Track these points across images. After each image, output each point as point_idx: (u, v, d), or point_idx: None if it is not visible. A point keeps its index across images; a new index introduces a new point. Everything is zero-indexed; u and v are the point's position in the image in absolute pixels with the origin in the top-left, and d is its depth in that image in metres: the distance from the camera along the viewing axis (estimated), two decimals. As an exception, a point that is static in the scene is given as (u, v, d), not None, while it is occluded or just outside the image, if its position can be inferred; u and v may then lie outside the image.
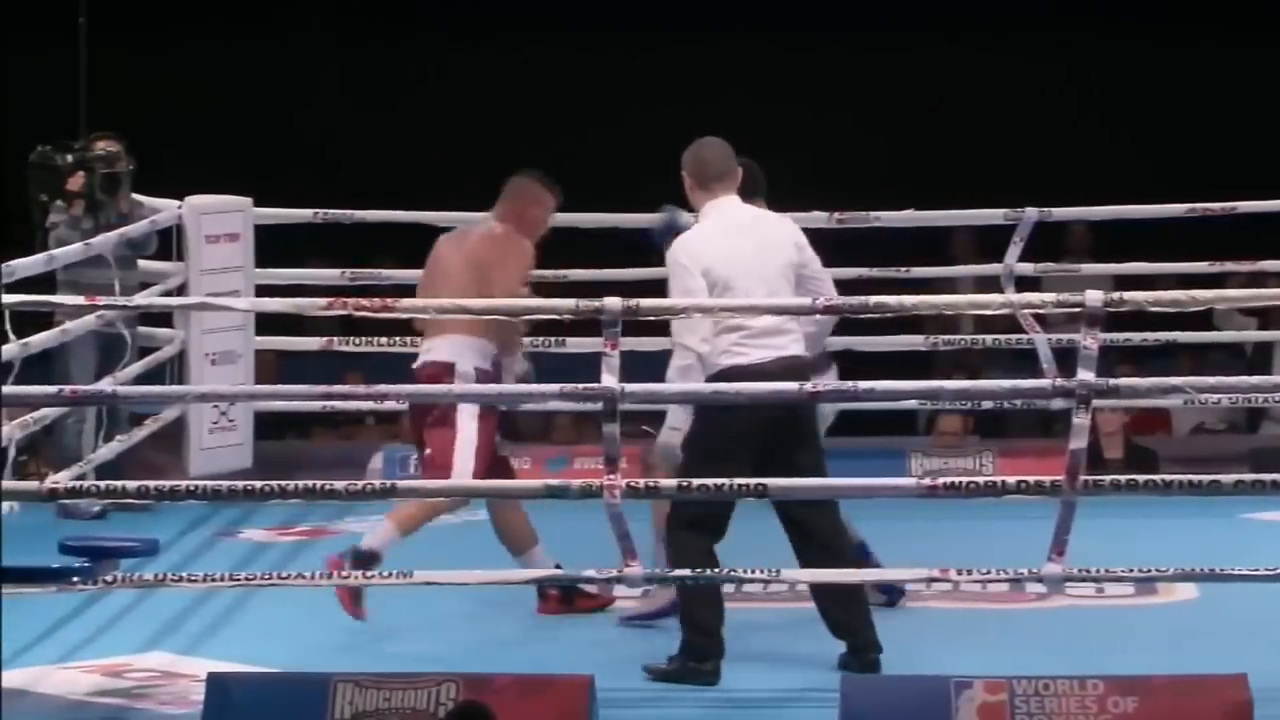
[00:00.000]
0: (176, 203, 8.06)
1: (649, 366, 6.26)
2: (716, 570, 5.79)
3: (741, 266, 5.86)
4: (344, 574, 5.98)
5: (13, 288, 5.99)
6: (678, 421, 5.88)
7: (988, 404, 8.66)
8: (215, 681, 5.36)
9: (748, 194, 6.08)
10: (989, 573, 5.65)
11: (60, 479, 6.34)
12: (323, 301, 5.87)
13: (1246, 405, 9.56)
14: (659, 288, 6.15)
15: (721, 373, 5.83)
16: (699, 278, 5.84)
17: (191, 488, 5.73)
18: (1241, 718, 5.02)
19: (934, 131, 11.61)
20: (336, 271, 8.50)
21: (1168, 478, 5.69)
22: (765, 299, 5.84)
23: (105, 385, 7.06)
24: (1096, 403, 5.51)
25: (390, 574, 5.72)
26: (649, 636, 6.19)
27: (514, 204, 6.53)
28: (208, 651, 6.06)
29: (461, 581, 5.94)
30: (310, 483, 5.73)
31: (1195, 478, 5.68)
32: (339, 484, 5.68)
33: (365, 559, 6.10)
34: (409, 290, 7.17)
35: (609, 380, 5.45)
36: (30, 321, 6.51)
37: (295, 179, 7.85)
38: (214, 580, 5.72)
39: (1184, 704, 5.05)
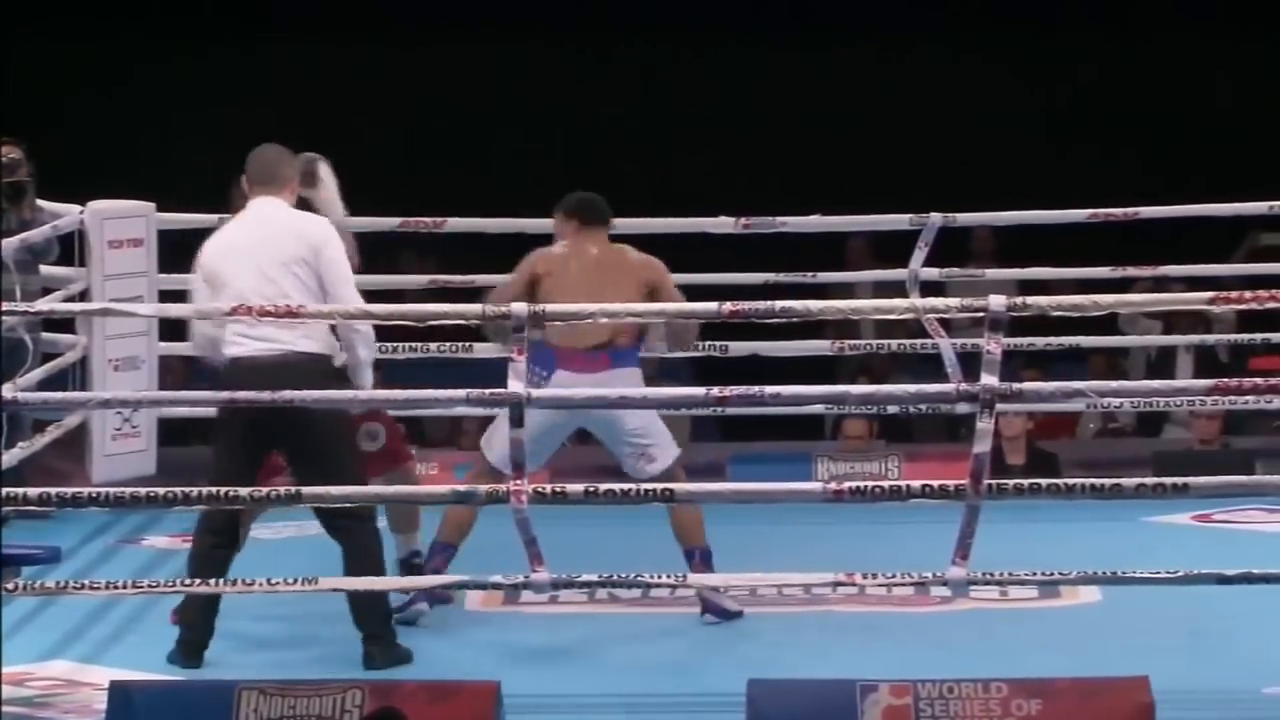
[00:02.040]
0: (79, 207, 7.99)
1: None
2: (625, 575, 5.80)
3: (234, 261, 5.95)
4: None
5: (-88, 295, 5.93)
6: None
7: (893, 408, 8.70)
8: (118, 690, 5.32)
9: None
10: (894, 576, 5.68)
11: (-41, 486, 6.27)
12: (227, 306, 5.85)
13: (1149, 409, 9.65)
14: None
15: (226, 365, 5.97)
16: (197, 276, 6.05)
17: (94, 494, 5.67)
18: (1144, 719, 5.06)
19: (838, 136, 11.67)
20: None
21: (1070, 481, 5.73)
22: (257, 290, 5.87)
23: (6, 391, 6.99)
24: (1000, 408, 5.54)
25: (295, 581, 5.69)
26: (557, 642, 6.18)
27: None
28: (110, 660, 6.01)
29: (367, 588, 5.92)
30: (214, 489, 5.70)
31: (1097, 481, 5.73)
32: (244, 491, 5.65)
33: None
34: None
35: (516, 385, 5.45)
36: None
37: (199, 182, 7.77)
38: (117, 588, 5.68)
39: (1087, 706, 5.09)
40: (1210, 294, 5.84)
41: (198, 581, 6.13)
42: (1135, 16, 11.61)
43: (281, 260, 5.94)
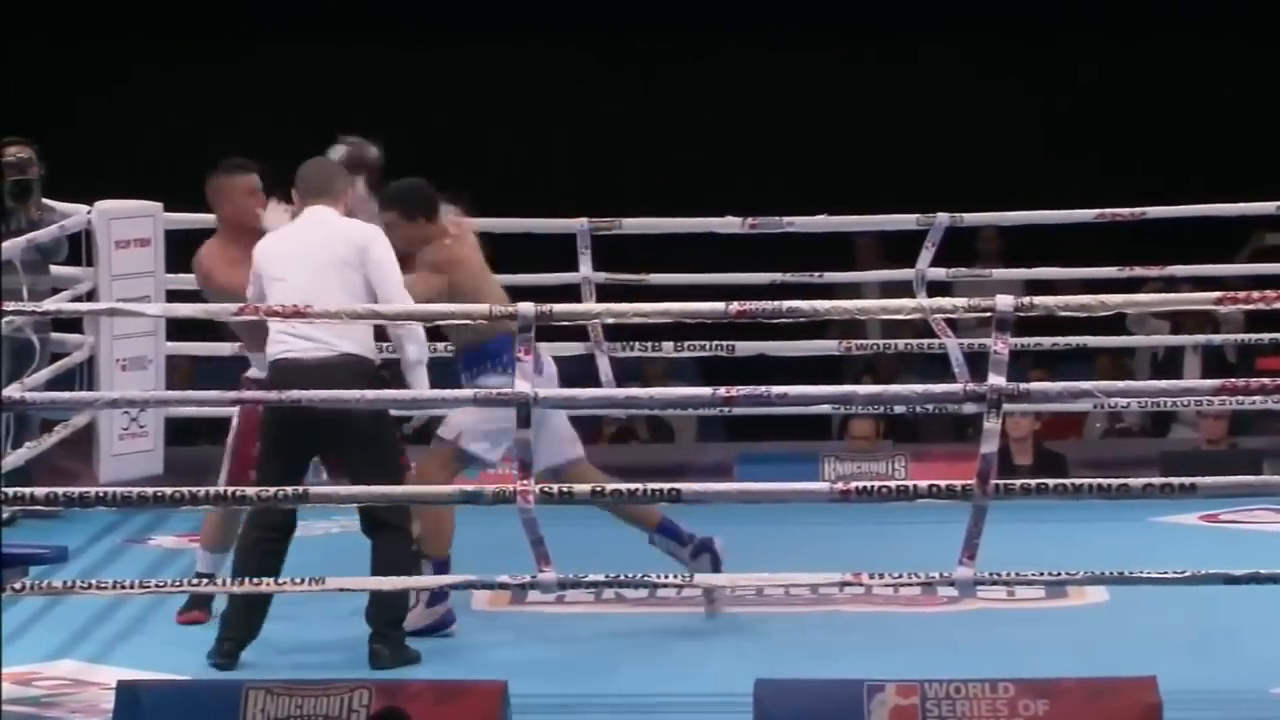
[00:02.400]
0: (86, 207, 8.00)
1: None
2: (631, 575, 5.80)
3: (283, 263, 6.00)
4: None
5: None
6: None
7: (900, 408, 8.70)
8: (125, 689, 5.33)
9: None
10: (901, 576, 5.68)
11: (-33, 486, 6.27)
12: (234, 307, 5.85)
13: (1156, 409, 9.65)
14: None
15: (270, 364, 5.99)
16: (251, 281, 6.08)
17: (101, 494, 5.68)
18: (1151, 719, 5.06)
19: (846, 136, 11.66)
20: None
21: (1078, 481, 5.74)
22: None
23: (14, 391, 7.00)
24: (1007, 408, 5.54)
25: (302, 581, 5.70)
26: (564, 642, 6.19)
27: None
28: (118, 659, 6.01)
29: (374, 588, 5.93)
30: (221, 489, 5.71)
31: (1105, 481, 5.74)
32: (251, 490, 5.66)
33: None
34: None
35: (523, 385, 5.46)
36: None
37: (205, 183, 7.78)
38: (124, 587, 5.69)
39: (1094, 706, 5.09)
40: (1217, 294, 5.84)
41: (204, 582, 6.15)
42: (1137, 17, 11.60)
43: (327, 263, 5.98)
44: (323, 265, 5.98)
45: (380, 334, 6.11)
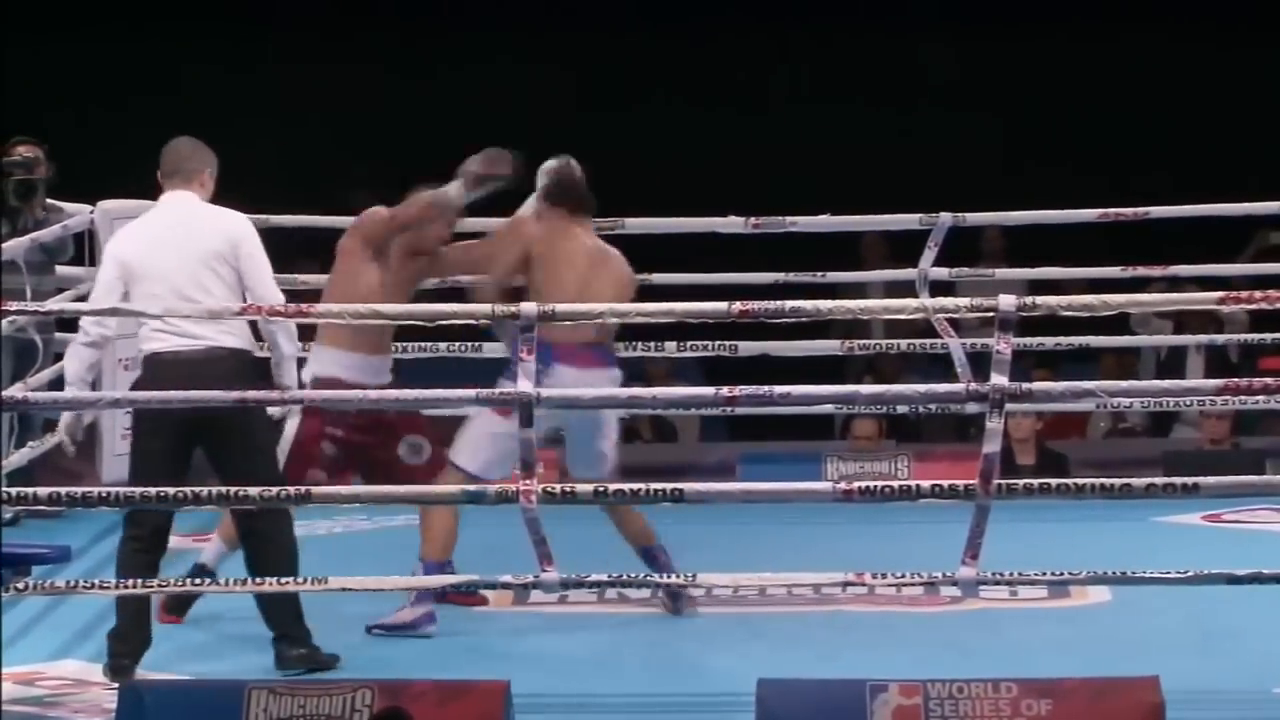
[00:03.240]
0: (89, 207, 8.00)
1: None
2: (634, 575, 5.80)
3: (158, 255, 5.90)
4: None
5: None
6: None
7: (903, 408, 8.70)
8: (128, 689, 5.33)
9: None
10: (904, 576, 5.67)
11: (-30, 486, 6.27)
12: (236, 306, 5.85)
13: (1159, 409, 9.65)
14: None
15: (145, 359, 5.93)
16: (111, 268, 5.95)
17: (104, 494, 5.68)
18: (1153, 719, 5.06)
19: (850, 135, 11.66)
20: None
21: (1080, 481, 5.73)
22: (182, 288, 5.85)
23: (16, 391, 7.00)
24: (1010, 408, 5.54)
25: (305, 580, 5.70)
26: (567, 641, 6.19)
27: None
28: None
29: (377, 588, 5.93)
30: (224, 489, 5.70)
31: (1107, 481, 5.73)
32: (253, 490, 5.66)
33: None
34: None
35: (525, 385, 5.46)
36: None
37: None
38: (127, 587, 5.68)
39: (1097, 706, 5.09)
40: (1220, 294, 5.84)
41: (208, 582, 6.14)
42: (1141, 15, 11.60)
43: (202, 256, 5.89)
44: (196, 258, 5.89)
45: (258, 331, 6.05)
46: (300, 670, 5.80)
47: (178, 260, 5.89)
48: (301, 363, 6.21)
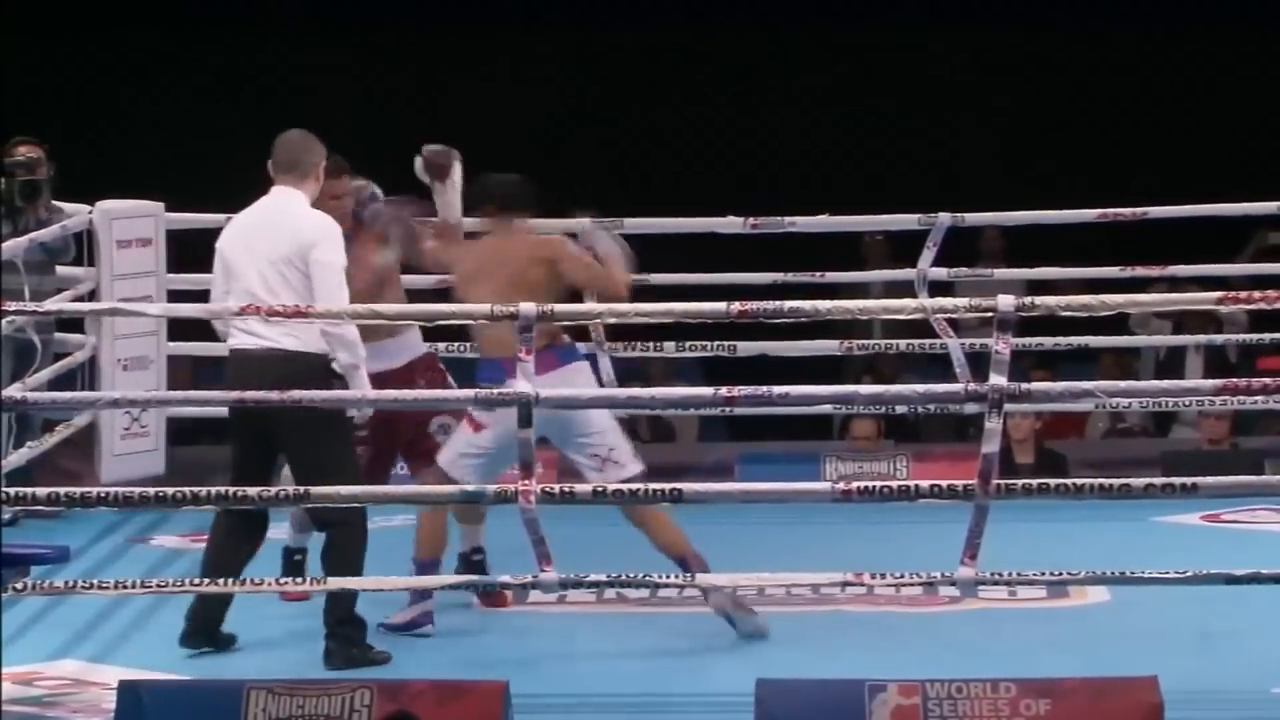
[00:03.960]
0: (88, 207, 8.00)
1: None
2: (633, 575, 5.80)
3: (243, 254, 6.03)
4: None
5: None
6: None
7: (901, 408, 8.70)
8: (127, 689, 5.33)
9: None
10: (902, 576, 5.68)
11: (-31, 486, 6.27)
12: (235, 307, 5.85)
13: (1158, 409, 9.65)
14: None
15: (229, 354, 6.11)
16: (216, 262, 6.12)
17: (103, 494, 5.68)
18: (1152, 719, 5.06)
19: (849, 135, 11.66)
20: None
21: (1079, 481, 5.74)
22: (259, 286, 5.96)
23: (15, 391, 7.00)
24: (1009, 408, 5.54)
25: (304, 580, 5.70)
26: (565, 642, 6.19)
27: None
28: (119, 659, 6.01)
29: (377, 588, 5.93)
30: (223, 489, 5.71)
31: (1106, 481, 5.74)
32: (252, 491, 5.66)
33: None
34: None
35: (524, 385, 5.46)
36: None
37: (208, 182, 7.78)
38: (126, 587, 5.69)
39: (1096, 706, 5.09)
40: (1218, 294, 5.84)
41: (206, 581, 6.15)
42: (1138, 15, 11.60)
43: (274, 259, 5.98)
44: (270, 260, 5.97)
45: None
46: (344, 668, 5.84)
47: (251, 259, 6.00)
48: None
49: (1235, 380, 5.80)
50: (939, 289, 8.48)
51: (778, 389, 5.70)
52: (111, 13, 11.47)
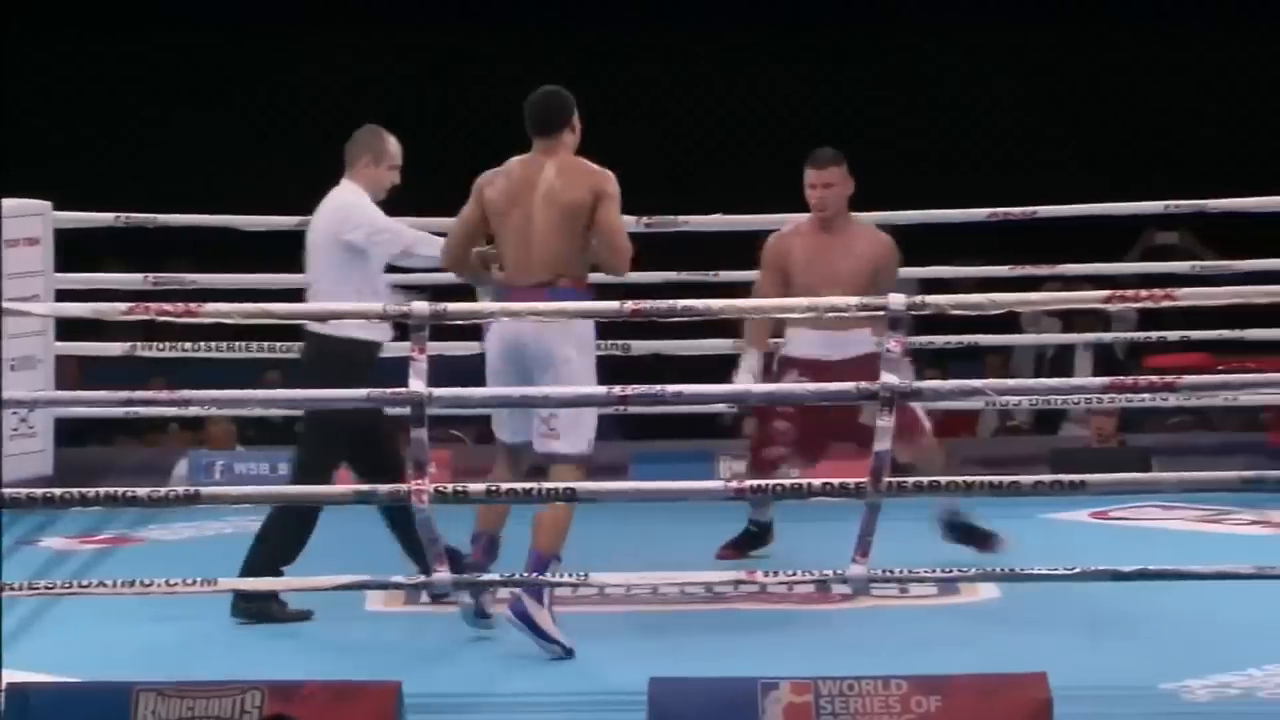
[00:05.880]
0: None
1: (458, 371, 6.26)
2: (523, 575, 5.79)
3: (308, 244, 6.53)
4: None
5: None
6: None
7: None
8: (14, 692, 5.27)
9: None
10: (795, 574, 5.70)
11: None
12: (124, 306, 5.80)
13: (1046, 407, 9.73)
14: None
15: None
16: None
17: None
18: (1041, 715, 5.10)
19: (742, 135, 11.70)
20: (139, 276, 8.39)
21: (969, 479, 5.77)
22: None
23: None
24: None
25: (194, 582, 5.66)
26: (459, 641, 6.17)
27: None
28: (6, 661, 5.91)
29: (266, 589, 5.89)
30: (112, 490, 5.66)
31: (995, 479, 5.78)
32: (141, 491, 5.61)
33: None
34: (212, 295, 7.09)
35: (417, 385, 5.44)
36: None
37: (95, 182, 7.73)
38: (13, 589, 5.62)
39: (986, 702, 5.12)
40: (1106, 293, 5.90)
41: (95, 583, 6.09)
42: (1027, 14, 11.70)
43: (315, 240, 6.47)
44: (314, 243, 6.46)
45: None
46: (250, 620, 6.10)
47: (309, 244, 6.50)
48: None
49: (1122, 378, 5.86)
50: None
51: (671, 388, 5.71)
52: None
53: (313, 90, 11.66)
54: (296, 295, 6.93)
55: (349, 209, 6.43)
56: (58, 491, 5.52)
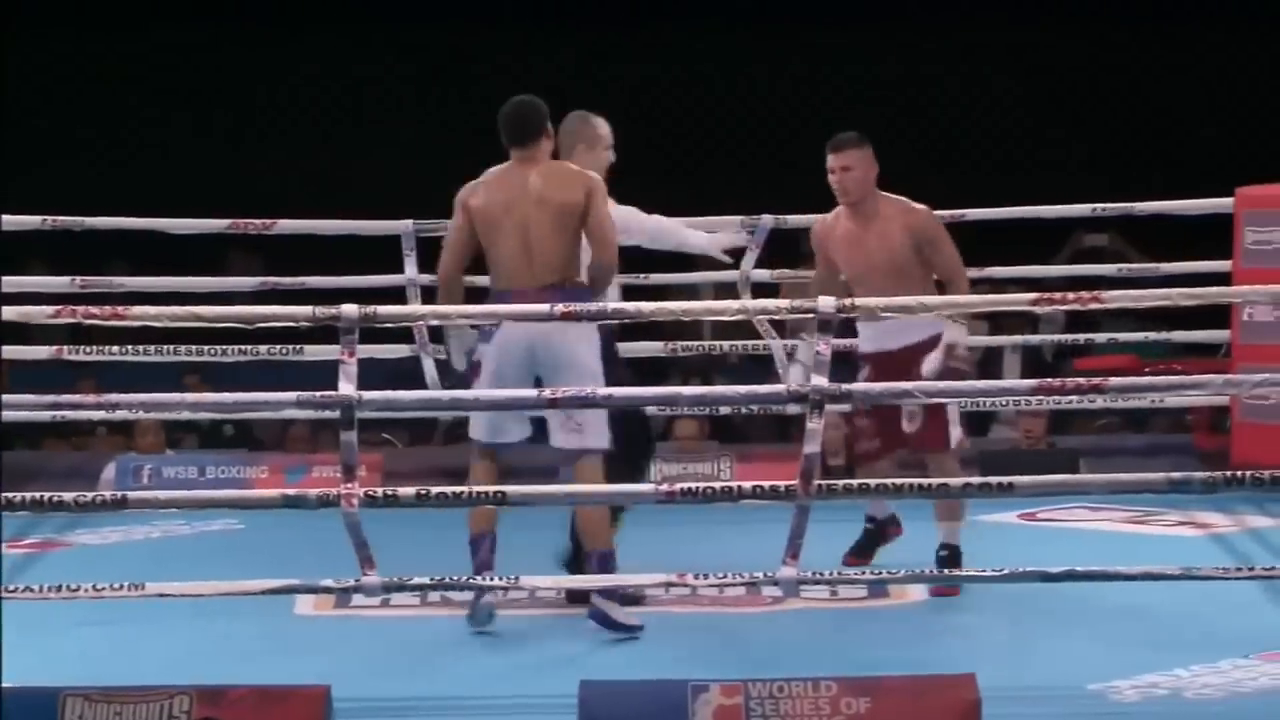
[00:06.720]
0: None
1: (383, 373, 6.25)
2: (453, 579, 5.79)
3: None
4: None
5: None
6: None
7: (725, 409, 8.74)
8: (-61, 698, 5.23)
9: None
10: (725, 577, 5.71)
11: None
12: (50, 309, 5.77)
13: (975, 408, 9.77)
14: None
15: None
16: None
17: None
18: (971, 716, 5.12)
19: (742, 135, 11.72)
20: (66, 279, 8.34)
21: (899, 481, 5.80)
22: None
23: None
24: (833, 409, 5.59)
25: (121, 586, 5.63)
26: (389, 645, 6.15)
27: None
28: (-70, 668, 5.89)
29: (195, 594, 5.86)
30: (39, 494, 5.62)
31: (924, 481, 5.81)
32: (69, 496, 5.58)
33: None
34: (141, 298, 7.05)
35: (346, 388, 5.43)
36: None
37: (21, 184, 7.68)
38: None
39: (915, 704, 5.14)
40: (1034, 295, 5.93)
41: (22, 588, 6.05)
42: (959, 13, 11.74)
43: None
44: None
45: None
46: None
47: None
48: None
49: (1051, 380, 5.89)
50: (762, 290, 8.53)
51: (601, 390, 5.71)
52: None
53: (313, 90, 11.61)
54: (224, 299, 6.89)
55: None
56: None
